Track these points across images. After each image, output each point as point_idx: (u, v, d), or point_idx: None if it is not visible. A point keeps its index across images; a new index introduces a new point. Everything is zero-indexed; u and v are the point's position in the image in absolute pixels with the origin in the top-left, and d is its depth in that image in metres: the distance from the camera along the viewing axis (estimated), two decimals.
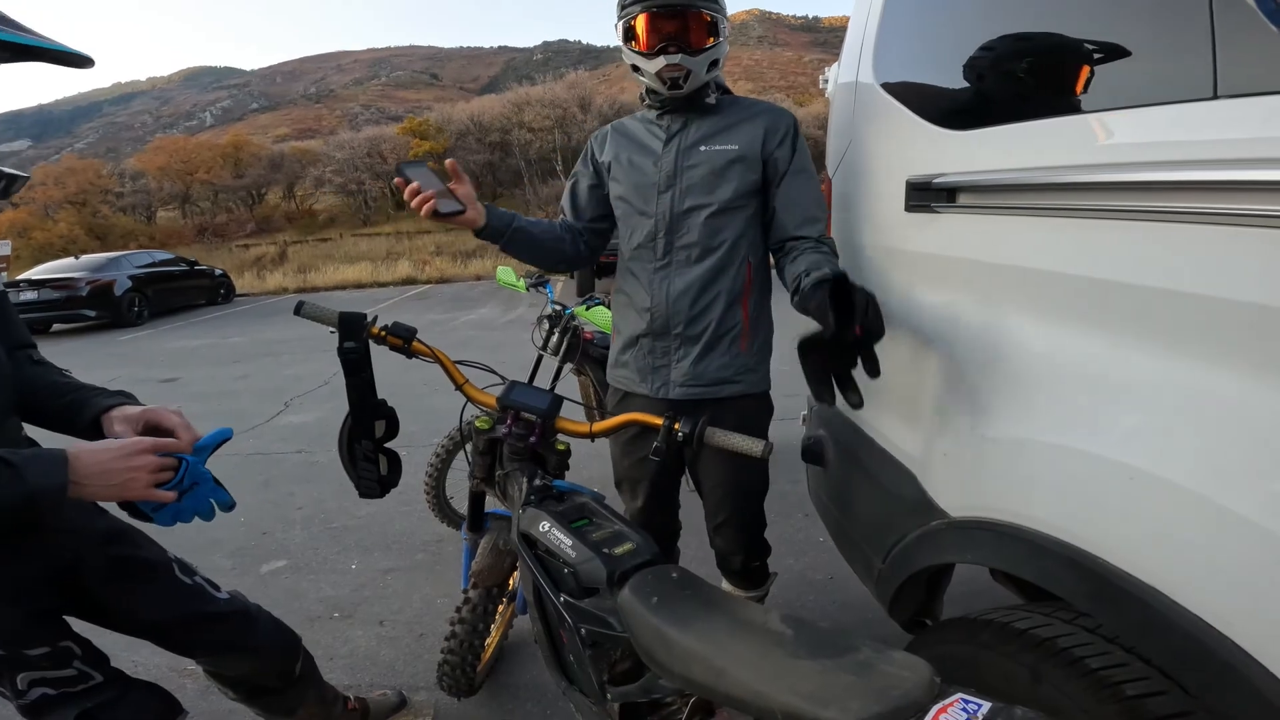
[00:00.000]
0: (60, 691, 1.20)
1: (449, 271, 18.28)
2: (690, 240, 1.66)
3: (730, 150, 1.62)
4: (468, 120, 32.75)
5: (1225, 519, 0.72)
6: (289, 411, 5.58)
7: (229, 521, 3.43)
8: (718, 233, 1.65)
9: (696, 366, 1.69)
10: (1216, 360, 0.75)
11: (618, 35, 1.66)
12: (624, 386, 1.83)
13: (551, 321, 2.90)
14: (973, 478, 1.12)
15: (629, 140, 1.76)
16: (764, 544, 2.01)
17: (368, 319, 1.48)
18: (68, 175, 33.82)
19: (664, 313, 1.69)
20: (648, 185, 1.69)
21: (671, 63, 1.56)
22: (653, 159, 1.69)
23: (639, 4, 1.56)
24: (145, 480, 1.06)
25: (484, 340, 8.48)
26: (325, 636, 2.42)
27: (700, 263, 1.66)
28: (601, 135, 1.83)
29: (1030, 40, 1.10)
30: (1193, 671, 0.77)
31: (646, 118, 1.76)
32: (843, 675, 0.79)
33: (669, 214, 1.67)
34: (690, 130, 1.67)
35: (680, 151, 1.66)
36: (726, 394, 1.71)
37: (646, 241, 1.70)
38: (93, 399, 1.24)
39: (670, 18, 1.55)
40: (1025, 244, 1.03)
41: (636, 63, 1.62)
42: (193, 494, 1.14)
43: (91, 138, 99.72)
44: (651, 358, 1.74)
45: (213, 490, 1.18)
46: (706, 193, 1.64)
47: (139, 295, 12.49)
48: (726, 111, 1.68)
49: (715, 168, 1.63)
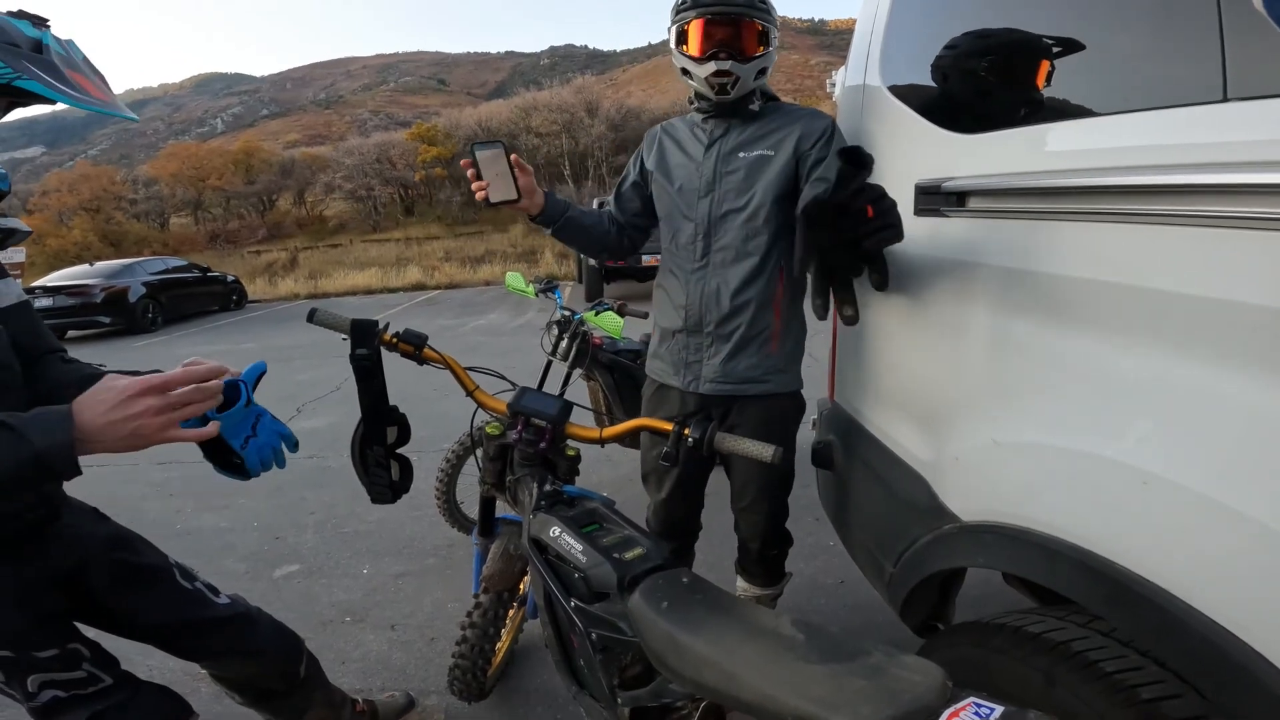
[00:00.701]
0: (71, 694, 1.20)
1: (458, 277, 18.33)
2: (727, 243, 1.71)
3: (766, 155, 1.67)
4: (475, 125, 32.86)
5: (1240, 522, 0.72)
6: (301, 417, 5.61)
7: (242, 526, 3.46)
8: (753, 237, 1.69)
9: (727, 364, 1.75)
10: (1230, 364, 0.75)
11: (670, 38, 1.69)
12: (659, 378, 1.90)
13: (560, 327, 2.91)
14: (984, 482, 1.11)
15: (674, 144, 1.81)
16: (785, 534, 2.04)
17: (379, 326, 1.49)
18: (81, 182, 34.16)
19: (698, 311, 1.75)
20: (690, 190, 1.75)
21: (721, 69, 1.60)
22: (695, 164, 1.75)
23: (694, 9, 1.60)
24: (155, 424, 0.95)
25: (493, 346, 8.50)
26: (337, 640, 2.43)
27: (736, 265, 1.71)
28: (652, 136, 1.89)
29: (1038, 43, 1.10)
30: (1208, 675, 0.77)
31: (693, 120, 1.80)
32: (854, 680, 0.79)
33: (708, 218, 1.72)
34: (731, 136, 1.71)
35: (720, 158, 1.71)
36: (754, 392, 1.76)
37: (687, 243, 1.76)
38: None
39: (723, 24, 1.60)
40: (1036, 248, 1.02)
41: (687, 66, 1.66)
42: (262, 425, 1.14)
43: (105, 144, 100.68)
44: (685, 353, 1.80)
45: (273, 423, 1.18)
46: (741, 197, 1.68)
47: (153, 302, 12.59)
48: (768, 118, 1.71)
49: (749, 173, 1.68)
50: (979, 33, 1.23)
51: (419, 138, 32.74)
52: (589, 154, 29.76)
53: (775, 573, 2.10)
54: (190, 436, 1.00)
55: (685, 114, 1.86)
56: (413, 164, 31.60)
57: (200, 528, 3.44)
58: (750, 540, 2.02)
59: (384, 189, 32.48)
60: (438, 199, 32.04)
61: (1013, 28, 1.17)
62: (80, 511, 1.34)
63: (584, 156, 29.76)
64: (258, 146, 39.24)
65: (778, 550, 2.06)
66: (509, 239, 25.16)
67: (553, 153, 30.22)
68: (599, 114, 30.74)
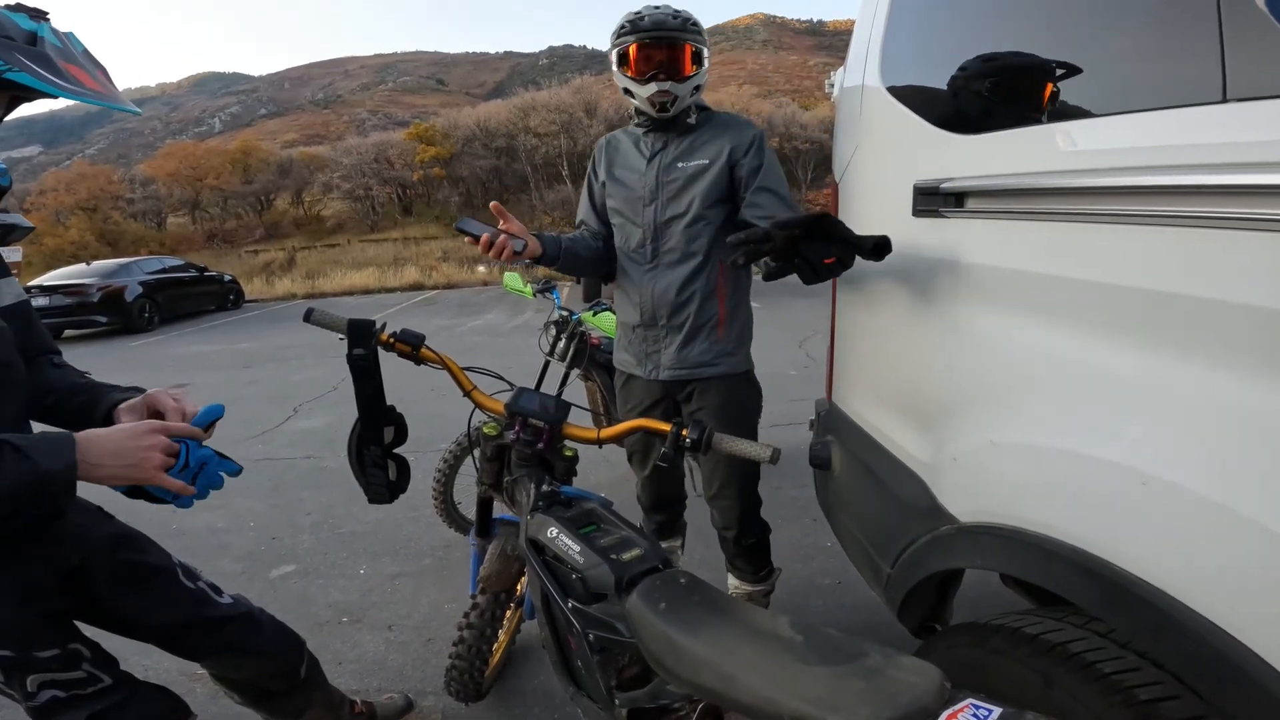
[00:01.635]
0: (70, 694, 1.20)
1: (456, 277, 18.33)
2: (672, 246, 1.91)
3: (701, 165, 1.86)
4: (474, 125, 32.79)
5: (1238, 523, 0.72)
6: (298, 417, 5.60)
7: (238, 526, 3.45)
8: (695, 239, 1.89)
9: (681, 352, 1.95)
10: (1228, 365, 0.75)
11: (611, 60, 1.86)
12: (625, 369, 2.11)
13: (559, 327, 2.91)
14: (982, 483, 1.11)
15: (620, 157, 2.00)
16: (761, 522, 2.17)
17: (376, 325, 1.49)
18: (79, 181, 34.06)
19: (651, 307, 1.95)
20: (635, 199, 1.94)
21: (661, 89, 1.77)
22: (639, 175, 1.93)
23: (633, 34, 1.76)
24: (158, 461, 1.06)
25: (491, 346, 8.50)
26: (334, 641, 2.43)
27: (681, 265, 1.91)
28: (599, 149, 2.06)
29: (1037, 44, 1.10)
30: (1206, 676, 0.77)
31: (634, 134, 1.99)
32: (852, 681, 0.79)
33: (654, 224, 1.91)
34: (670, 149, 1.90)
35: (660, 169, 1.90)
36: (708, 375, 1.96)
37: (638, 247, 1.96)
38: (105, 395, 1.27)
39: (660, 47, 1.77)
40: (1034, 249, 1.02)
41: (629, 87, 1.83)
42: (203, 474, 1.15)
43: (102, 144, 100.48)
44: (645, 345, 2.01)
45: (220, 464, 1.19)
46: (682, 205, 1.88)
47: (149, 301, 12.58)
48: (701, 129, 1.90)
49: (687, 182, 1.87)
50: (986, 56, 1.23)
51: (417, 137, 32.66)
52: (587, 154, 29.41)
53: (759, 563, 2.20)
54: (173, 485, 1.08)
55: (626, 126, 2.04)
56: (411, 164, 31.55)
57: (196, 528, 3.42)
58: (726, 528, 2.13)
59: (382, 189, 32.43)
60: (436, 199, 32.00)
61: (1018, 51, 1.17)
62: (84, 510, 1.34)
63: (582, 156, 29.66)
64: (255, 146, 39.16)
65: (755, 539, 2.16)
66: None
67: (551, 153, 30.16)
68: (598, 114, 30.67)
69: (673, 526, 2.36)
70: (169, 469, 1.09)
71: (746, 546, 2.15)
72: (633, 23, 1.78)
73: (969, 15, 1.29)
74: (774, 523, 2.13)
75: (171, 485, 1.08)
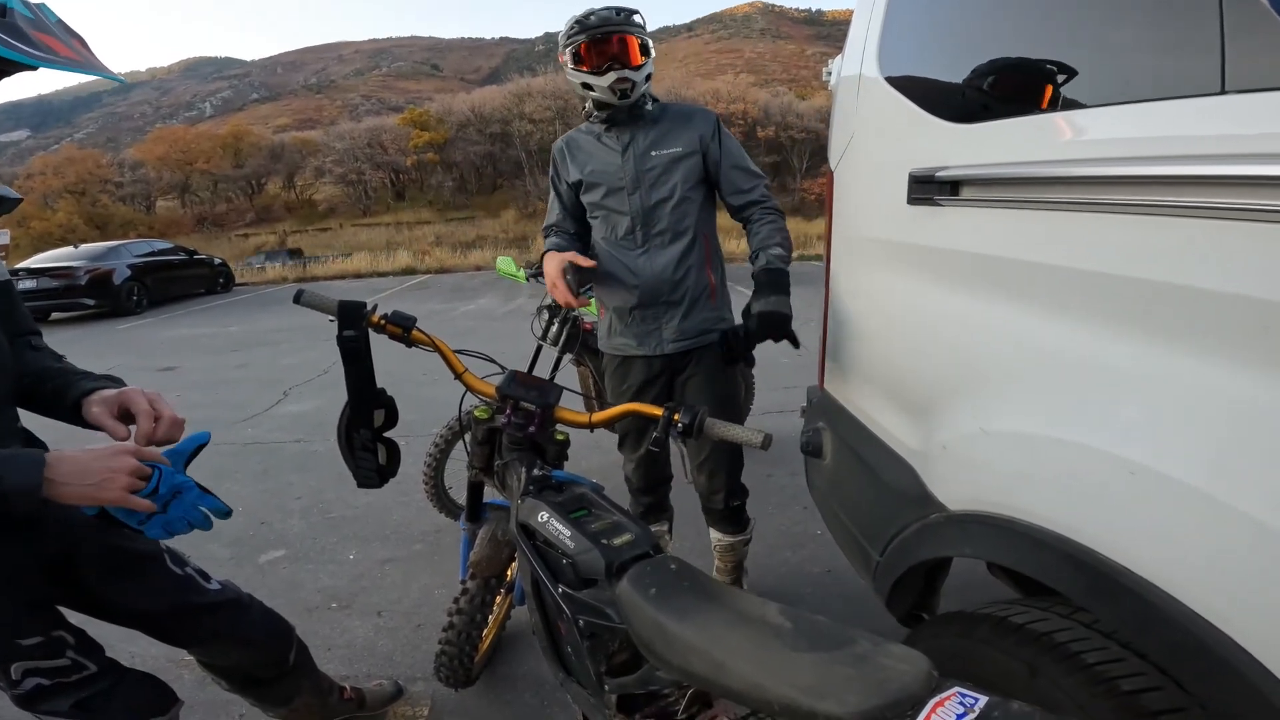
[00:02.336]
0: (54, 681, 1.19)
1: (448, 262, 18.25)
2: (662, 228, 2.03)
3: (676, 151, 2.00)
4: (469, 111, 32.54)
5: (1224, 514, 0.72)
6: (287, 401, 5.57)
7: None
8: (682, 219, 2.03)
9: (683, 324, 2.08)
10: (1218, 355, 0.75)
11: (565, 62, 1.99)
12: (622, 352, 2.17)
13: (551, 312, 2.89)
14: (971, 471, 1.11)
15: (588, 156, 2.08)
16: (742, 486, 2.29)
17: (367, 307, 1.48)
18: (67, 165, 33.68)
19: (651, 286, 2.04)
20: (617, 190, 2.04)
21: (620, 76, 1.90)
22: (615, 168, 2.03)
23: (583, 32, 1.91)
24: (123, 482, 1.03)
25: (484, 330, 8.48)
26: (323, 627, 2.42)
27: (674, 244, 2.04)
28: (560, 154, 2.15)
29: (1035, 34, 1.09)
30: (1189, 667, 0.77)
31: (594, 131, 2.08)
32: (840, 668, 0.79)
33: (641, 209, 2.02)
34: (639, 139, 2.02)
35: (636, 158, 2.01)
36: (708, 342, 2.08)
37: (626, 234, 2.06)
38: (77, 382, 1.23)
39: (609, 41, 1.91)
40: (1029, 238, 1.02)
41: (587, 81, 1.95)
42: (178, 503, 1.11)
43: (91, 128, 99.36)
44: (645, 324, 2.10)
45: (200, 498, 1.14)
46: (666, 189, 2.01)
47: (138, 284, 12.48)
48: (662, 120, 2.04)
49: (668, 167, 2.00)
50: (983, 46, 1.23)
51: (411, 123, 32.40)
52: None
53: (742, 520, 2.34)
54: (137, 504, 1.05)
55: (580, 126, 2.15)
56: (404, 149, 31.33)
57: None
58: (714, 494, 2.23)
59: (375, 174, 32.22)
60: (429, 184, 31.81)
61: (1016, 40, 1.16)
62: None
63: None
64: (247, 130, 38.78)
65: (740, 501, 2.29)
66: (500, 224, 25.07)
67: (545, 139, 29.95)
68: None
69: (660, 509, 2.39)
70: (137, 491, 1.06)
71: (733, 508, 2.27)
72: (580, 23, 1.93)
73: (967, 5, 1.29)
74: (765, 510, 2.15)
75: (136, 505, 1.05)
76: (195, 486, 1.14)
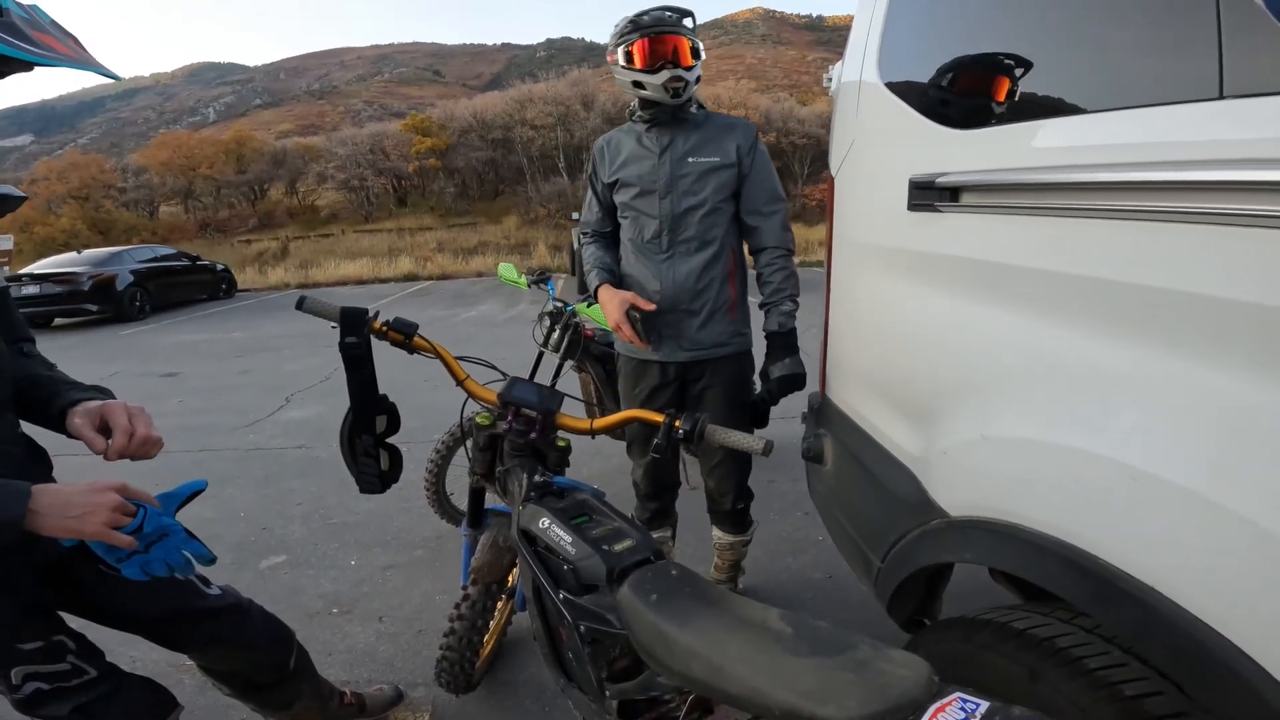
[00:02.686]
0: (54, 686, 1.19)
1: (450, 268, 18.27)
2: (689, 235, 2.03)
3: (713, 161, 2.01)
4: (470, 117, 32.57)
5: (1225, 519, 0.72)
6: (290, 406, 5.58)
7: (229, 516, 3.44)
8: (710, 228, 2.03)
9: (699, 333, 2.08)
10: (1218, 360, 0.75)
11: (617, 60, 1.99)
12: (637, 355, 2.17)
13: (553, 318, 2.90)
14: (972, 477, 1.11)
15: (626, 156, 2.09)
16: (748, 489, 2.32)
17: (369, 314, 1.48)
18: (71, 170, 33.72)
19: (672, 293, 2.05)
20: (649, 192, 2.04)
21: (674, 75, 1.91)
22: (650, 169, 2.03)
23: (637, 31, 1.93)
24: (104, 517, 1.03)
25: (485, 337, 8.48)
26: (324, 632, 2.42)
27: (699, 253, 2.04)
28: (599, 152, 2.17)
29: (1035, 39, 1.10)
30: (1190, 672, 0.77)
31: (635, 130, 2.09)
32: (841, 673, 0.79)
33: (670, 215, 2.02)
34: (678, 144, 2.02)
35: (673, 162, 2.02)
36: (723, 354, 2.10)
37: (653, 238, 2.06)
38: (64, 393, 1.24)
39: (663, 41, 1.92)
40: (1029, 244, 1.03)
41: (639, 79, 1.95)
42: (162, 545, 1.11)
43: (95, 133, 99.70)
44: (662, 329, 2.09)
45: (185, 542, 1.15)
46: (698, 196, 2.01)
47: (141, 290, 12.49)
48: (704, 127, 2.05)
49: (703, 175, 2.01)
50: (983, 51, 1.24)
51: (413, 129, 32.43)
52: (584, 147, 29.48)
53: (745, 522, 2.37)
54: (119, 540, 1.05)
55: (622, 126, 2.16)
56: (406, 155, 31.33)
57: (186, 518, 3.37)
58: (722, 496, 2.27)
59: (377, 179, 32.22)
60: (431, 190, 31.84)
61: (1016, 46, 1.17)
62: None
63: (579, 150, 29.52)
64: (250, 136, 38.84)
65: (745, 504, 2.32)
66: (502, 231, 25.08)
67: (547, 145, 30.02)
68: (595, 107, 30.51)
69: (665, 515, 2.40)
70: (119, 527, 1.06)
71: (739, 510, 2.30)
72: (635, 22, 1.95)
73: (967, 10, 1.29)
74: (766, 516, 2.15)
75: (116, 540, 1.05)
76: (182, 530, 1.15)
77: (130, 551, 1.08)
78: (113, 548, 1.07)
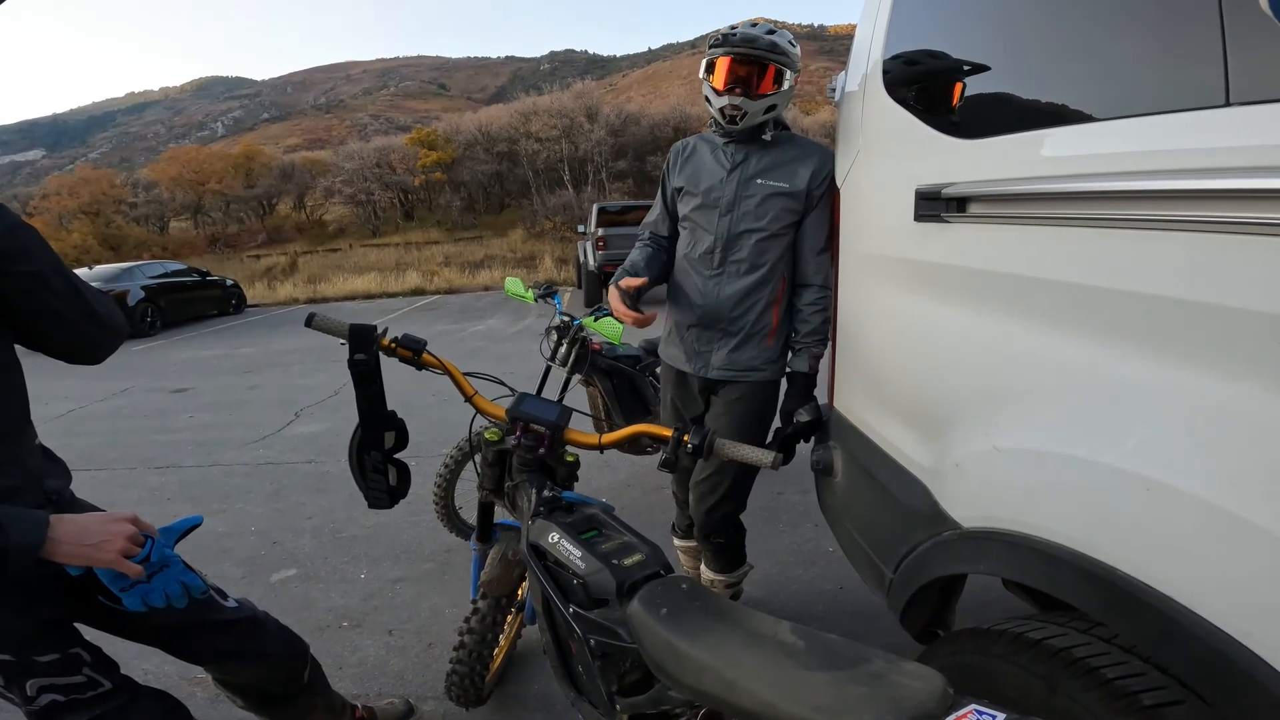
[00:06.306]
0: (69, 698, 1.20)
1: (457, 282, 18.32)
2: (741, 257, 1.97)
3: (781, 187, 1.91)
4: (475, 130, 32.80)
5: (1242, 528, 0.72)
6: (299, 422, 5.59)
7: (240, 530, 3.45)
8: (764, 253, 1.96)
9: (733, 355, 2.02)
10: (1231, 370, 0.75)
11: (701, 68, 1.94)
12: (673, 364, 2.17)
13: (560, 332, 2.90)
14: (985, 488, 1.11)
15: (696, 164, 2.04)
16: (738, 523, 2.21)
17: (378, 331, 1.49)
18: (81, 185, 34.08)
19: (714, 310, 2.01)
20: (710, 207, 1.99)
21: (732, 103, 1.84)
22: (717, 184, 1.98)
23: (724, 47, 1.85)
24: (120, 546, 1.09)
25: (492, 351, 8.50)
26: (334, 645, 2.42)
27: (748, 276, 1.97)
28: (676, 154, 2.11)
29: (1039, 49, 1.10)
30: (1211, 681, 0.76)
31: (713, 140, 2.03)
32: (854, 686, 0.79)
33: (727, 234, 1.97)
34: (751, 163, 1.95)
35: (740, 182, 1.95)
36: (754, 379, 2.03)
37: (705, 253, 2.01)
38: None
39: (744, 63, 1.84)
40: (1037, 254, 1.02)
41: (708, 95, 1.91)
42: (162, 575, 1.16)
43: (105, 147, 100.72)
44: (698, 343, 2.07)
45: (183, 573, 1.20)
46: (757, 220, 1.94)
47: (152, 305, 12.57)
48: (783, 148, 1.95)
49: (766, 199, 1.92)
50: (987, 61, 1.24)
51: (419, 142, 32.67)
52: (589, 159, 29.71)
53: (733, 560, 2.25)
54: (130, 569, 1.11)
55: (704, 133, 2.09)
56: (412, 168, 31.56)
57: (197, 532, 3.40)
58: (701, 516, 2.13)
59: (384, 193, 32.45)
60: (437, 204, 32.02)
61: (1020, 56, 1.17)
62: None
63: (584, 161, 29.72)
64: (258, 150, 39.21)
65: (725, 540, 2.18)
66: (508, 244, 25.17)
67: (552, 157, 30.17)
68: (599, 119, 30.70)
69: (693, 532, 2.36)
70: (130, 557, 1.12)
71: (715, 545, 2.19)
72: (725, 36, 1.87)
73: (971, 20, 1.29)
74: (776, 528, 2.13)
75: (127, 569, 1.10)
76: (180, 562, 1.21)
77: (133, 581, 1.13)
78: (118, 576, 1.12)
